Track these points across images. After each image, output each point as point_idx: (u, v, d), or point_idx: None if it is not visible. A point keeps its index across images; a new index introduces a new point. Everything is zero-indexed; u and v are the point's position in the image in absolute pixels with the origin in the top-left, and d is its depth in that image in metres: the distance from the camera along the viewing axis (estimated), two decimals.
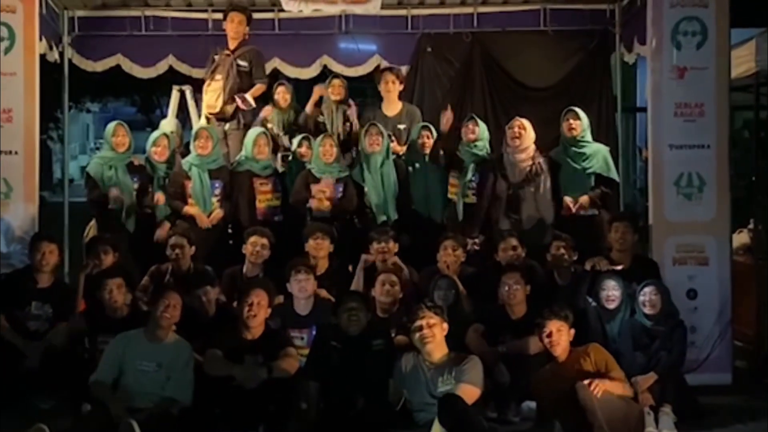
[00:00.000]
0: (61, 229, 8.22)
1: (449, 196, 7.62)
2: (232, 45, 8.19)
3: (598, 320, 6.23)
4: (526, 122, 7.47)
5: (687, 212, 6.86)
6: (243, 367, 5.57)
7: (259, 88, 8.21)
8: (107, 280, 6.17)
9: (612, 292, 6.26)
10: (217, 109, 8.12)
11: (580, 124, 7.40)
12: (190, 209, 7.39)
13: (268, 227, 7.10)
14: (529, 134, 7.44)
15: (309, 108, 8.26)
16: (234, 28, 8.17)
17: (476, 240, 7.28)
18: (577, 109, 7.47)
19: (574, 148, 7.39)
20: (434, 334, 5.48)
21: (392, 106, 8.22)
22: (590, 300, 6.33)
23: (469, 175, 7.52)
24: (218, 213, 7.46)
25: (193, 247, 6.84)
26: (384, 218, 7.47)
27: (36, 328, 6.26)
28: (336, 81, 8.31)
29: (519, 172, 7.40)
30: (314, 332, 6.08)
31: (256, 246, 6.80)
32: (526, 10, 8.83)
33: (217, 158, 7.58)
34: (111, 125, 7.76)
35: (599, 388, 5.31)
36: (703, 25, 6.86)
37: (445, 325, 5.55)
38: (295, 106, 8.46)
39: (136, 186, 7.47)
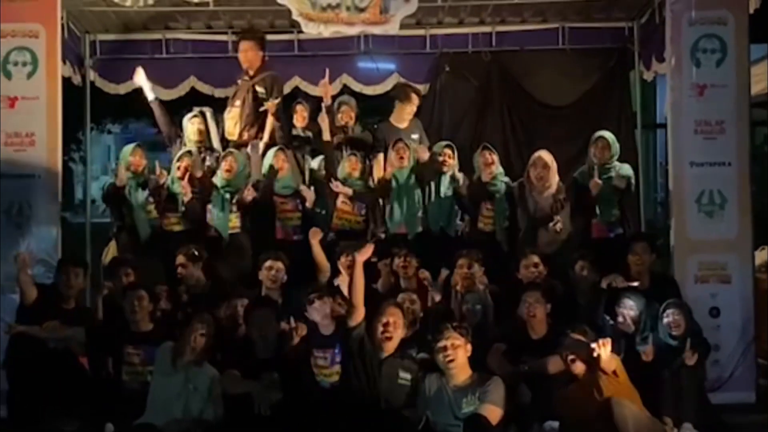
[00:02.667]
0: (83, 250, 8.32)
1: (480, 226, 7.60)
2: (250, 71, 8.20)
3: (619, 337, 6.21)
4: (548, 158, 7.34)
5: (709, 230, 6.83)
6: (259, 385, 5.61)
7: (270, 122, 8.04)
8: (129, 292, 6.24)
9: (627, 311, 6.22)
10: (236, 137, 8.12)
11: (610, 151, 7.39)
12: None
13: (288, 246, 7.13)
14: (553, 171, 7.35)
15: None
16: (244, 56, 8.11)
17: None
18: (608, 136, 7.45)
19: (603, 175, 7.34)
20: (458, 356, 5.51)
21: (404, 120, 8.25)
22: (608, 318, 6.31)
23: (504, 204, 7.56)
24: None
25: (199, 263, 6.86)
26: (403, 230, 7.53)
27: (54, 346, 6.26)
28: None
29: (540, 210, 7.35)
30: (338, 352, 6.06)
31: (271, 270, 6.72)
32: (545, 29, 8.85)
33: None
34: (129, 147, 7.82)
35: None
36: (722, 43, 6.85)
37: (469, 347, 5.56)
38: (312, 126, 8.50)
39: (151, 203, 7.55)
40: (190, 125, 8.10)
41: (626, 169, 7.52)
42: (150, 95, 8.21)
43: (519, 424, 5.76)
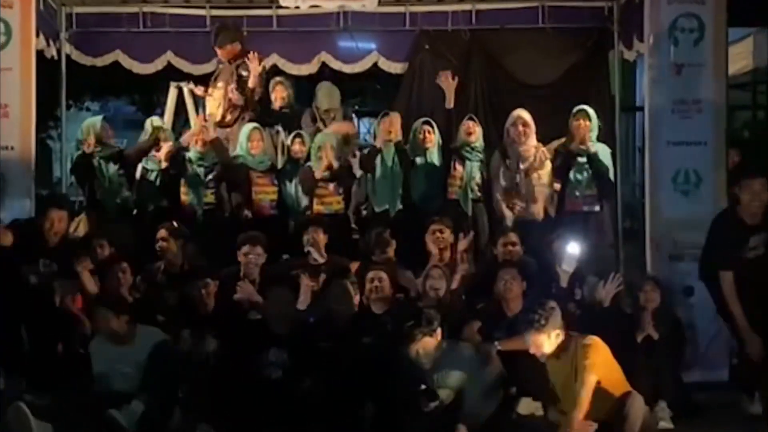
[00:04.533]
0: None
1: (450, 189, 7.65)
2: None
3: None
4: (527, 117, 7.51)
5: (684, 209, 6.83)
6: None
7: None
8: (114, 265, 6.22)
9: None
10: (218, 117, 8.12)
11: (590, 125, 7.46)
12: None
13: (264, 220, 7.14)
14: (533, 129, 7.52)
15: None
16: (222, 53, 8.20)
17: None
18: (588, 109, 7.52)
19: (581, 146, 7.44)
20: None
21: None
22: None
23: (476, 175, 7.62)
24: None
25: (180, 241, 6.78)
26: (386, 207, 7.52)
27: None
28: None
29: (523, 161, 7.46)
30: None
31: (249, 255, 6.63)
32: (525, 8, 8.82)
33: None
34: (95, 119, 7.91)
35: None
36: (700, 22, 6.84)
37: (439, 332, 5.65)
38: (293, 104, 8.47)
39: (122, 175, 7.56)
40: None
41: (604, 151, 7.57)
42: None
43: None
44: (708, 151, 6.87)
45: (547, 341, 5.32)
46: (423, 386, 5.50)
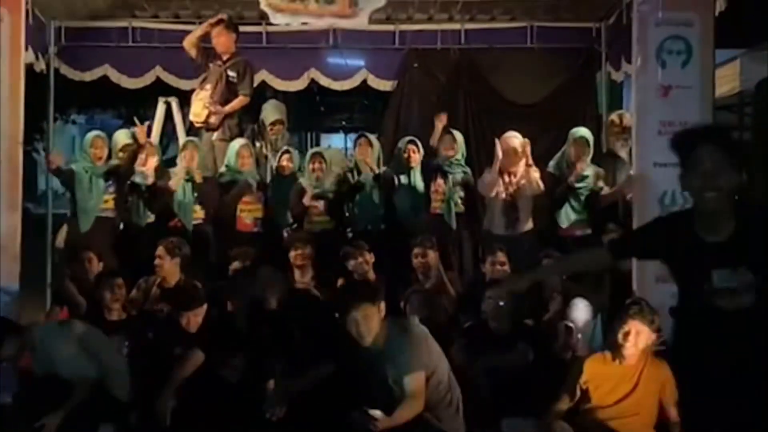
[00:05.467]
0: (44, 241, 8.23)
1: (433, 204, 7.67)
2: (223, 56, 8.20)
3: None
4: (518, 145, 7.41)
5: None
6: None
7: (240, 100, 8.21)
8: (107, 279, 6.18)
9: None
10: (203, 119, 8.14)
11: (588, 151, 7.52)
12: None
13: (249, 237, 7.17)
14: (526, 154, 7.43)
15: None
16: (218, 41, 8.20)
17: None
18: (588, 136, 7.56)
19: (580, 172, 7.48)
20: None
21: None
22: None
23: (457, 188, 7.63)
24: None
25: (177, 259, 6.75)
26: (367, 227, 7.60)
27: None
28: None
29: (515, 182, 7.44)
30: None
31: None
32: (513, 28, 8.91)
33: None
34: (89, 136, 7.74)
35: None
36: (688, 44, 6.85)
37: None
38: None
39: (112, 191, 7.49)
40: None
41: (598, 173, 7.63)
42: None
43: (477, 419, 5.78)
44: None
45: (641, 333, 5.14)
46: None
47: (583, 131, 7.64)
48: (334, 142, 21.19)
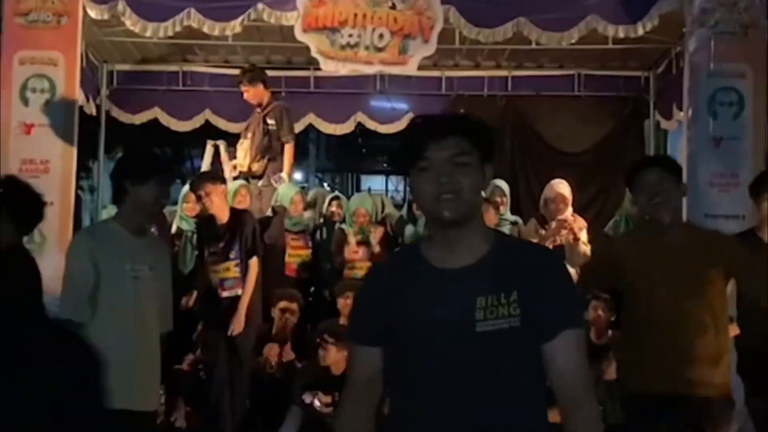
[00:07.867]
0: None
1: None
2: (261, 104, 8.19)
3: None
4: (567, 193, 7.13)
5: None
6: None
7: (288, 150, 8.06)
8: None
9: None
10: (245, 168, 8.12)
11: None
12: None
13: (297, 282, 7.13)
14: (569, 203, 7.16)
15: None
16: (246, 96, 8.06)
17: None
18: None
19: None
20: None
21: None
22: None
23: None
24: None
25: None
26: None
27: None
28: None
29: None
30: None
31: (285, 313, 6.64)
32: (561, 75, 8.92)
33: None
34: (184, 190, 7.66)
35: None
36: (740, 95, 6.82)
37: None
38: None
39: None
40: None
41: None
42: None
43: None
44: (745, 225, 6.80)
45: None
46: None
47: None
48: (375, 184, 21.26)
